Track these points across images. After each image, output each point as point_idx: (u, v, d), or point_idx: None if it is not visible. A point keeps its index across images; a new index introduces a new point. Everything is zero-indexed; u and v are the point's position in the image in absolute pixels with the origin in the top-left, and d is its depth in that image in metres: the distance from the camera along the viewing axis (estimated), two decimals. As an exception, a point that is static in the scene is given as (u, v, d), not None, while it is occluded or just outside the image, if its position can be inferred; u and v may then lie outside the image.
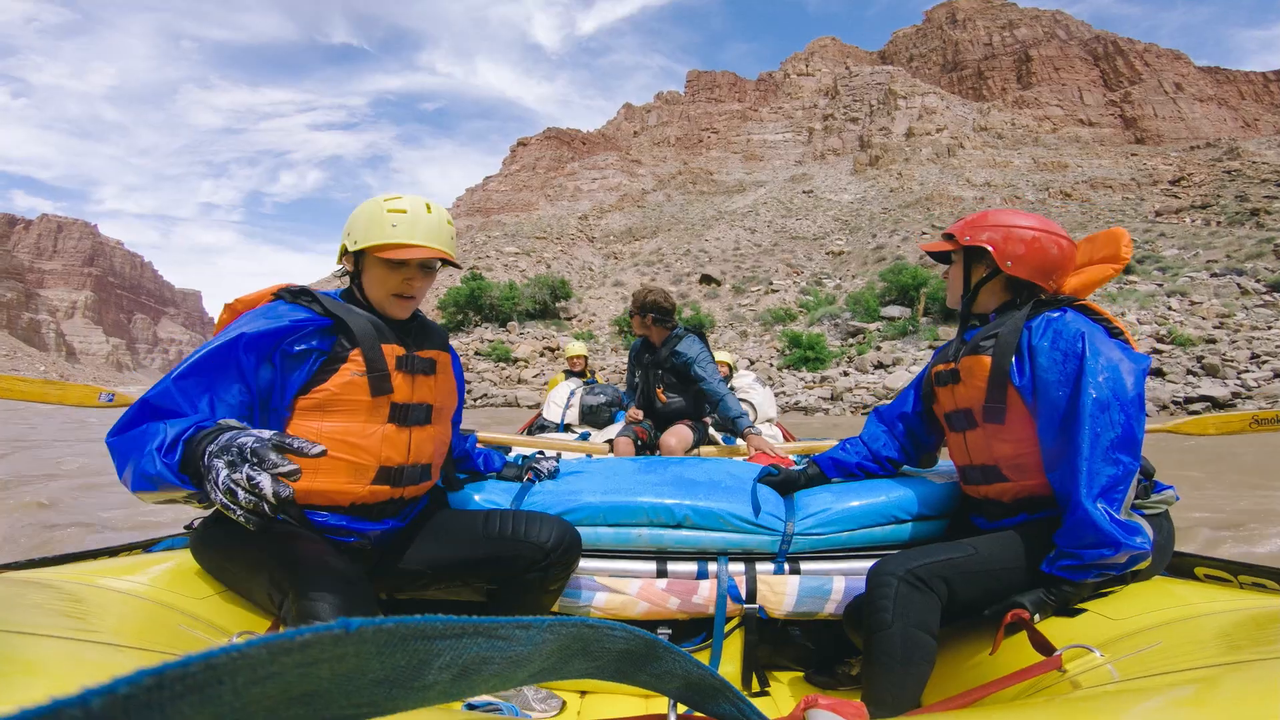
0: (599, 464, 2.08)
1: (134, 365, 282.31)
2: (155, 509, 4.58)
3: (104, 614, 0.94)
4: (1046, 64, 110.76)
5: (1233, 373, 15.70)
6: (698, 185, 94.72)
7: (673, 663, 0.53)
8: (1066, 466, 1.27)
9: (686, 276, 47.92)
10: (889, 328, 26.43)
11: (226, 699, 0.25)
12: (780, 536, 1.68)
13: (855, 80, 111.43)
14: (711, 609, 1.65)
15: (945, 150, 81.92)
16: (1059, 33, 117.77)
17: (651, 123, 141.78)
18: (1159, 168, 65.02)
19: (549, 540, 1.47)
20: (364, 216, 1.41)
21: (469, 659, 0.37)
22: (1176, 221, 44.45)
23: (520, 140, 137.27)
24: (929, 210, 58.63)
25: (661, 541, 1.70)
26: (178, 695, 0.23)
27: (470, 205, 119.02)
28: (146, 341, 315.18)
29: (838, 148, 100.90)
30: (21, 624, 0.76)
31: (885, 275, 31.32)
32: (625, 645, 0.49)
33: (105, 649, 0.80)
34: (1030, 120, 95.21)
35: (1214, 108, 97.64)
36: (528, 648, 0.40)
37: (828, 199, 75.94)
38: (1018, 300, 1.53)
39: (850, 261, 48.25)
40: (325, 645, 0.29)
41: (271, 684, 0.27)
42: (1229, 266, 27.70)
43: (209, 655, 0.24)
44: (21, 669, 0.65)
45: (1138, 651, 1.02)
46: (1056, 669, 1.06)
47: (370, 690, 0.33)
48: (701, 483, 1.81)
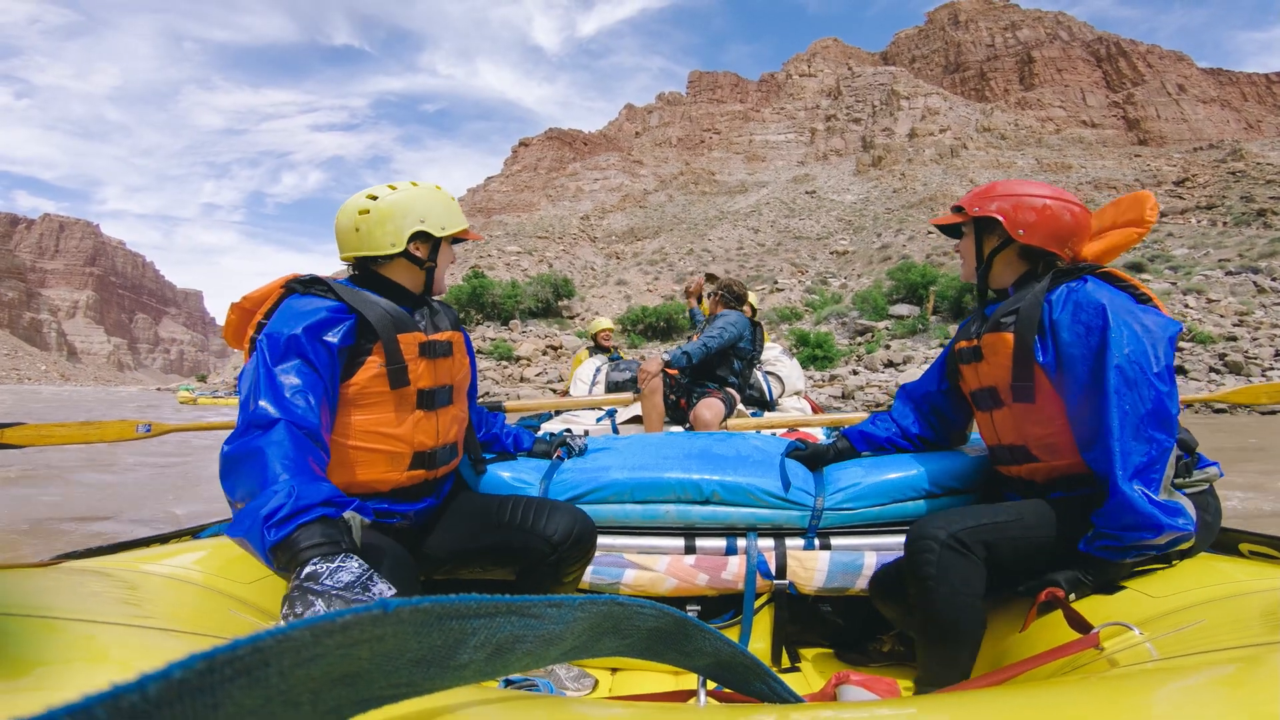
0: (626, 440, 2.04)
1: (135, 365, 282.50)
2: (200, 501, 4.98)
3: (157, 600, 0.97)
4: (1049, 65, 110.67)
5: (1257, 370, 15.45)
6: (700, 185, 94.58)
7: (703, 641, 0.53)
8: (1100, 447, 1.22)
9: (690, 276, 47.75)
10: (898, 326, 26.18)
11: (273, 681, 0.25)
12: (810, 511, 1.66)
13: (858, 81, 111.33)
14: (740, 585, 1.64)
15: (949, 151, 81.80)
16: (1061, 34, 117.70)
17: (653, 123, 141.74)
18: (1163, 169, 64.83)
19: (556, 534, 1.46)
20: (437, 204, 1.47)
21: (502, 638, 0.37)
22: (1182, 222, 44.19)
23: (522, 141, 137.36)
24: (933, 210, 58.43)
25: (689, 517, 1.69)
26: (227, 678, 0.24)
27: (472, 205, 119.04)
28: (148, 341, 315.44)
29: (840, 148, 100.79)
30: (83, 612, 0.80)
31: (893, 274, 31.09)
32: (655, 623, 0.49)
33: (159, 634, 0.83)
34: (1033, 121, 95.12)
35: (1217, 109, 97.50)
36: (559, 626, 0.41)
37: (831, 199, 75.78)
38: (1036, 271, 1.48)
39: (855, 261, 48.02)
40: (365, 625, 0.29)
41: (315, 665, 0.27)
42: (1244, 265, 27.43)
43: (256, 638, 0.25)
44: (84, 655, 0.68)
45: (1178, 630, 0.99)
46: (1093, 647, 1.04)
47: (408, 670, 0.33)
48: (729, 458, 1.78)
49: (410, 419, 1.40)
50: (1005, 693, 0.78)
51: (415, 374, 1.40)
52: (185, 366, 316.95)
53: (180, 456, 8.21)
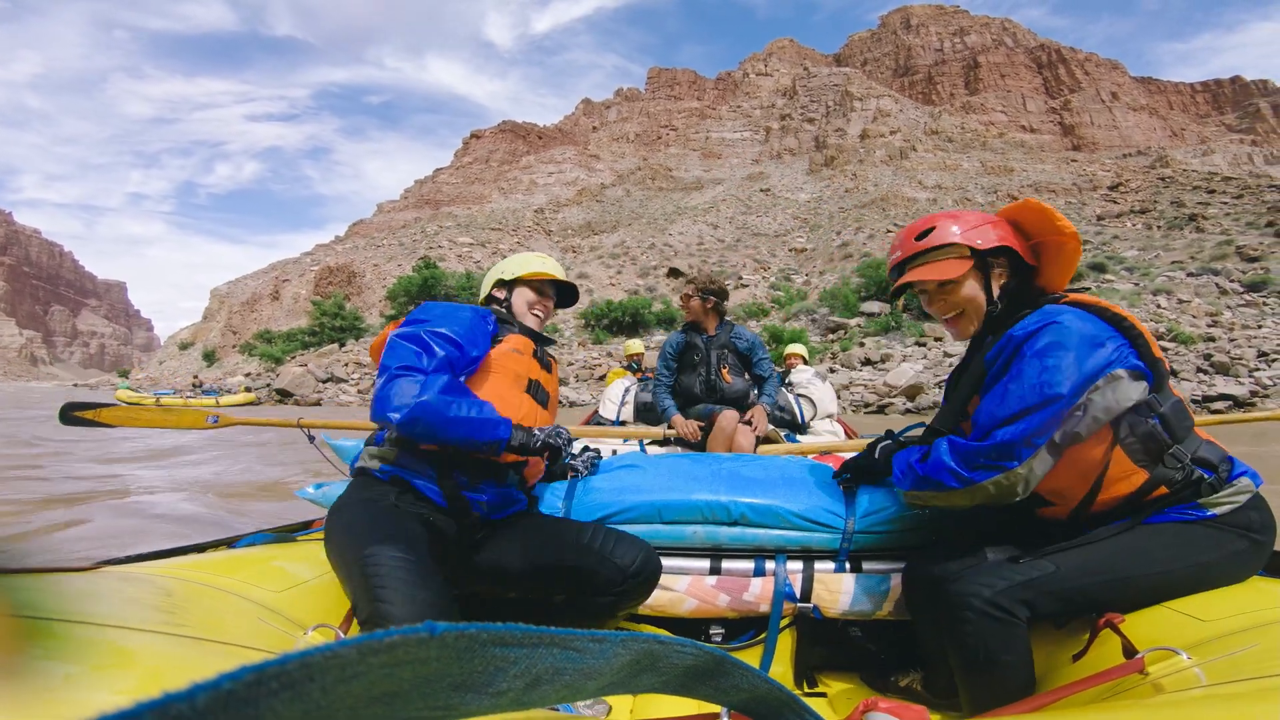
0: (654, 460, 2.01)
1: (50, 359, 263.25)
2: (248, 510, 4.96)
3: (190, 607, 1.01)
4: (994, 71, 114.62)
5: (1244, 370, 15.50)
6: (656, 181, 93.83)
7: (740, 678, 0.54)
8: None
9: (653, 270, 46.84)
10: (870, 324, 25.93)
11: (315, 696, 0.26)
12: (840, 534, 1.64)
13: (813, 81, 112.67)
14: (761, 607, 1.62)
15: (898, 152, 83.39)
16: (1006, 40, 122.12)
17: (611, 118, 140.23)
18: (1098, 174, 67.65)
19: (632, 564, 1.49)
20: (512, 262, 1.91)
21: (542, 669, 0.38)
22: (1119, 225, 45.94)
23: (474, 133, 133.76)
24: (884, 211, 59.23)
25: (716, 539, 1.68)
26: (272, 692, 0.24)
27: (419, 197, 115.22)
28: (65, 334, 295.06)
29: (794, 147, 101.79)
30: (120, 618, 0.82)
31: (863, 270, 30.94)
32: (694, 661, 0.49)
33: (190, 642, 0.87)
34: (978, 125, 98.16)
35: (1145, 117, 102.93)
36: (599, 661, 0.41)
37: (785, 197, 76.22)
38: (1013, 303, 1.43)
39: (816, 258, 48.09)
40: (410, 647, 0.30)
41: (357, 683, 0.28)
42: (1203, 267, 28.29)
43: (305, 654, 0.26)
44: (118, 661, 0.71)
45: (1229, 654, 0.96)
46: (1138, 671, 1.01)
47: (447, 694, 0.34)
48: (758, 479, 1.77)
49: (519, 399, 1.65)
50: (1046, 718, 0.76)
51: (529, 366, 1.72)
52: (107, 361, 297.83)
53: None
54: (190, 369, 64.99)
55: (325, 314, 39.06)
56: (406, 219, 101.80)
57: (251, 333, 56.08)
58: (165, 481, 6.18)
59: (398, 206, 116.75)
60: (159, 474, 6.64)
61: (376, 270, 60.72)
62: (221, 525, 4.30)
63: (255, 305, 70.38)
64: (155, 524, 4.37)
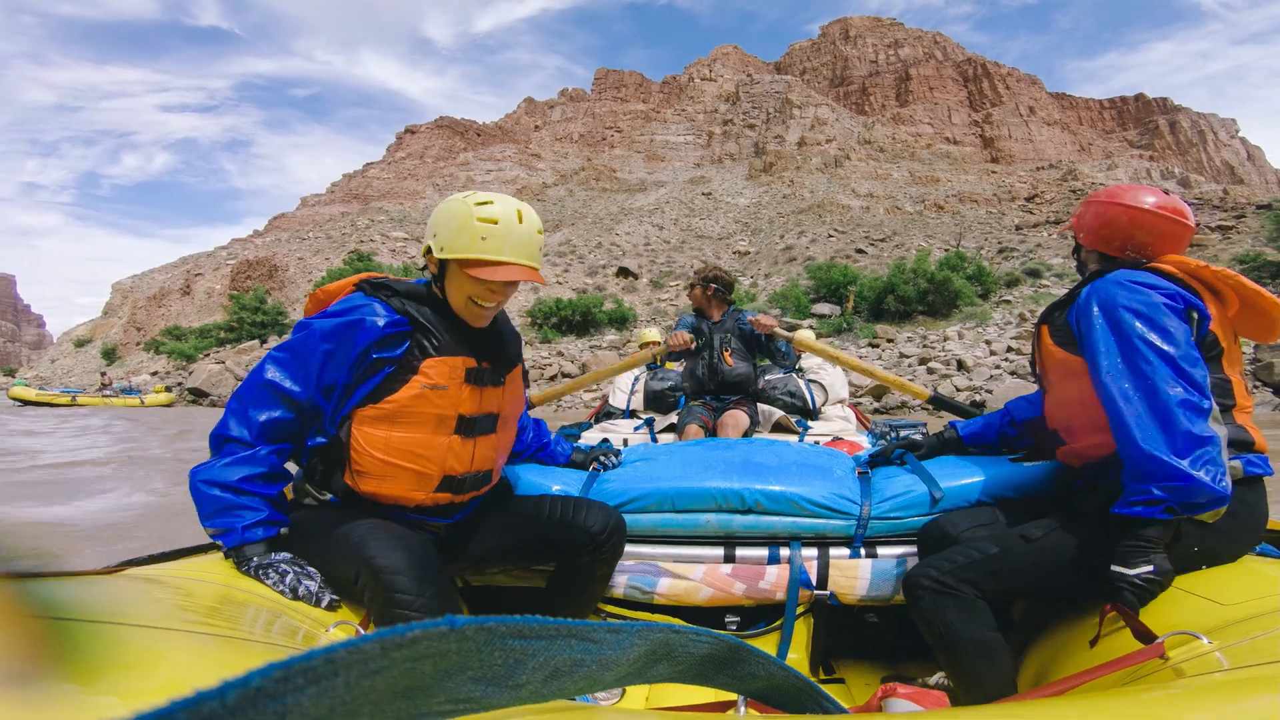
0: (667, 449, 2.01)
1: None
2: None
3: (213, 607, 1.03)
4: (923, 83, 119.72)
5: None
6: (600, 182, 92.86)
7: (756, 665, 0.53)
8: (1117, 431, 1.25)
9: (602, 269, 45.87)
10: (823, 325, 25.90)
11: (339, 691, 0.26)
12: (856, 520, 1.64)
13: (756, 88, 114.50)
14: (777, 595, 1.61)
15: (833, 161, 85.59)
16: (937, 54, 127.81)
17: (555, 118, 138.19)
18: (1015, 185, 71.39)
19: (595, 525, 1.53)
20: (452, 220, 1.35)
21: (560, 661, 0.38)
22: (1037, 234, 48.43)
23: (408, 128, 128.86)
24: (820, 217, 60.45)
25: (730, 527, 1.67)
26: (298, 688, 0.25)
27: (347, 191, 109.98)
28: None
29: (735, 153, 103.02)
30: (147, 618, 0.84)
31: (813, 272, 31.02)
32: (709, 650, 0.49)
33: (216, 641, 0.89)
34: (907, 136, 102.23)
35: (1058, 131, 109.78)
36: (616, 652, 0.41)
37: (726, 201, 76.80)
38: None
39: (760, 261, 48.38)
40: (432, 640, 0.30)
41: (380, 678, 0.28)
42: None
43: (330, 649, 0.26)
44: (148, 660, 0.72)
45: (1251, 638, 0.94)
46: (1158, 656, 1.00)
47: (468, 687, 0.34)
48: (772, 466, 1.76)
49: (445, 442, 1.39)
50: (1063, 703, 0.75)
51: (457, 399, 1.39)
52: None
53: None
54: (86, 367, 59.35)
55: (245, 309, 36.12)
56: (333, 213, 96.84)
57: (159, 329, 51.53)
58: (166, 481, 6.11)
59: (323, 200, 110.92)
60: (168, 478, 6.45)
61: (301, 264, 57.07)
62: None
63: (163, 300, 64.89)
64: (167, 524, 4.37)
